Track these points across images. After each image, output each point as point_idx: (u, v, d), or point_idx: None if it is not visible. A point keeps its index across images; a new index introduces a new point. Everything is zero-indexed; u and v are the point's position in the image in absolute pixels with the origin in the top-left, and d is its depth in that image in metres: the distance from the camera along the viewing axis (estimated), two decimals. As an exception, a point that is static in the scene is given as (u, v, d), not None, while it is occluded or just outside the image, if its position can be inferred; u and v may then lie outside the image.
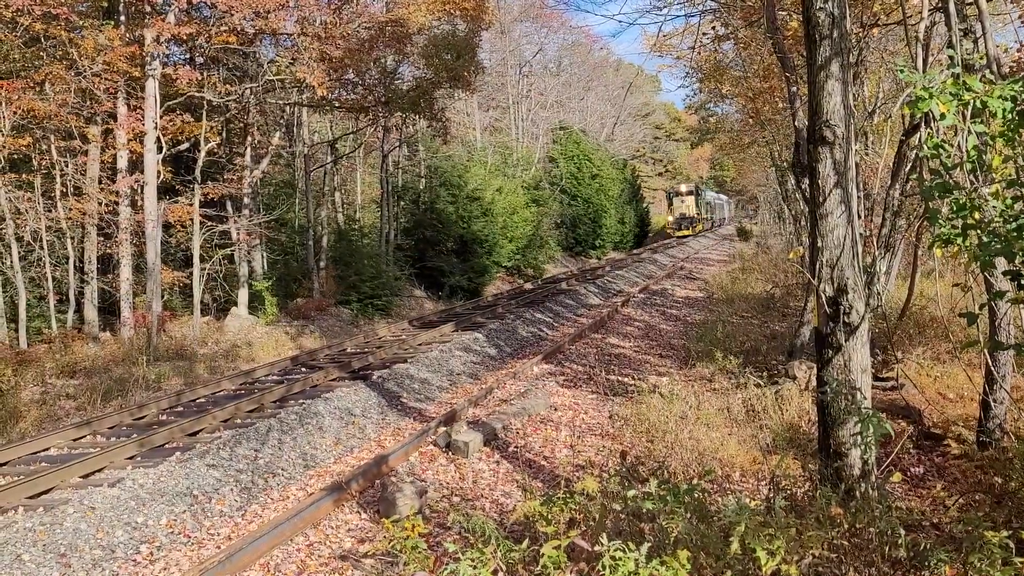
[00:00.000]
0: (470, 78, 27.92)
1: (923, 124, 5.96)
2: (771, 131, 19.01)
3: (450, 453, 9.03)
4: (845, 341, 5.51)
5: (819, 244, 5.68)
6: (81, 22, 18.31)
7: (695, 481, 4.51)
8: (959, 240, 3.63)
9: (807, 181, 9.41)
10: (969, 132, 3.68)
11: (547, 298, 21.60)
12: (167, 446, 8.76)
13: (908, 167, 10.96)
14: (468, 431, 9.34)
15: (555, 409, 10.87)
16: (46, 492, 7.35)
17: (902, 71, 3.66)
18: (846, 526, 3.73)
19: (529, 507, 3.94)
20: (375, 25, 24.90)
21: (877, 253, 11.12)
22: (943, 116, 3.54)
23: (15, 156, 17.40)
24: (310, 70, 20.47)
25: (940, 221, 3.70)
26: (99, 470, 7.96)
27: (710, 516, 3.81)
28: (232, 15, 18.51)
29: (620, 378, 12.66)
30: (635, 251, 50.83)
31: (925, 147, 3.82)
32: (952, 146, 4.02)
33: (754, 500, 4.11)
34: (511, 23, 47.26)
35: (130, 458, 8.34)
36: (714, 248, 50.15)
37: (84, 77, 17.39)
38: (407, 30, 25.14)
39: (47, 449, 9.26)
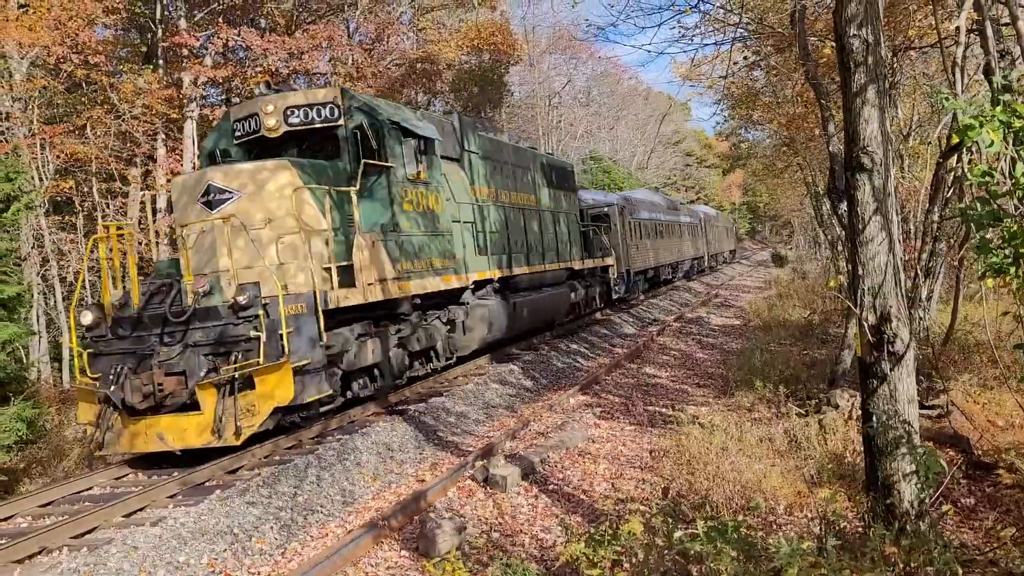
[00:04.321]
0: (498, 110, 28.26)
1: (963, 148, 5.87)
2: (805, 156, 18.92)
3: (488, 488, 8.96)
4: (890, 371, 5.40)
5: (860, 272, 5.59)
6: (121, 67, 18.82)
7: (740, 517, 4.42)
8: (1013, 269, 3.55)
9: (844, 206, 9.32)
10: (1017, 157, 3.61)
11: (581, 328, 21.50)
12: (207, 484, 8.80)
13: (948, 190, 10.81)
14: (506, 465, 9.27)
15: (593, 441, 10.77)
16: (90, 532, 7.41)
17: (947, 98, 3.62)
18: (901, 566, 3.62)
19: (574, 549, 3.88)
20: (406, 62, 25.28)
21: (918, 278, 10.94)
22: (991, 144, 3.48)
23: (58, 199, 17.84)
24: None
25: (993, 251, 3.62)
26: (141, 509, 8.01)
27: (758, 555, 3.72)
28: (267, 56, 18.89)
29: (658, 409, 12.53)
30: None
31: (969, 174, 3.76)
32: (996, 171, 3.95)
33: (803, 537, 4.01)
34: (540, 55, 47.67)
35: (171, 496, 8.39)
36: (749, 275, 49.69)
37: (124, 120, 17.83)
38: (438, 67, 25.49)
39: (90, 488, 9.35)
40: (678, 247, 37.67)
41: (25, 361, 16.06)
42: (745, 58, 14.40)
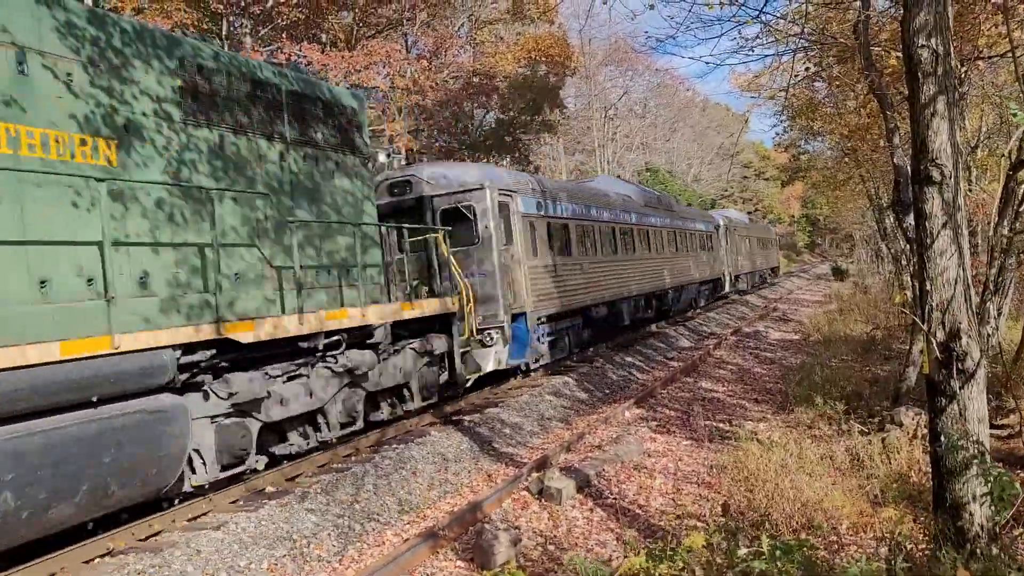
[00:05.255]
0: (552, 120, 28.30)
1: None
2: (868, 168, 18.55)
3: (543, 500, 8.95)
4: (959, 389, 5.26)
5: (928, 287, 5.46)
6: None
7: (801, 536, 4.33)
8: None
9: (910, 220, 9.11)
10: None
11: (636, 341, 21.36)
12: (268, 490, 8.95)
13: (1018, 204, 10.50)
14: (561, 477, 9.25)
15: (649, 455, 10.68)
16: (155, 535, 7.59)
17: (1015, 113, 3.53)
18: (974, 591, 3.51)
19: (636, 563, 3.85)
20: (463, 74, 25.54)
21: (987, 293, 10.63)
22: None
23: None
24: (393, 121, 21.27)
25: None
26: (204, 514, 8.19)
27: None
28: (327, 72, 19.28)
29: (715, 423, 12.37)
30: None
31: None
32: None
33: (870, 559, 3.91)
34: (596, 67, 47.68)
35: (233, 502, 8.56)
36: (808, 289, 48.81)
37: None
38: (494, 81, 25.68)
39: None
40: (667, 267, 24.53)
41: None
42: (806, 69, 14.18)
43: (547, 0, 29.20)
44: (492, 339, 13.51)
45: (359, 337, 10.43)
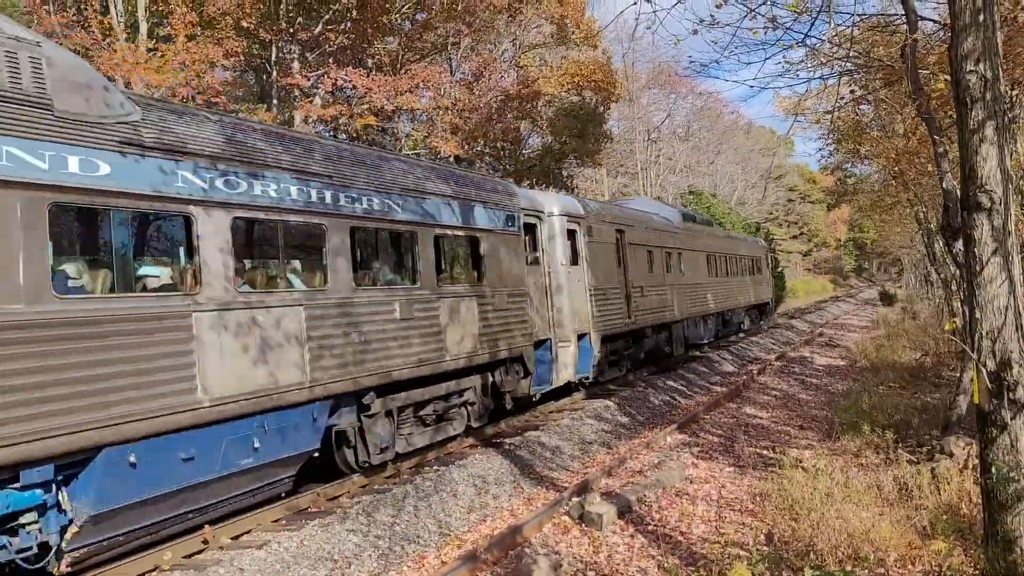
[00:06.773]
0: (596, 147, 28.36)
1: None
2: (916, 191, 18.24)
3: (583, 525, 8.90)
4: (1011, 420, 5.14)
5: (977, 315, 5.36)
6: (238, 107, 19.84)
7: (847, 567, 4.25)
8: None
9: (958, 245, 8.96)
10: None
11: (679, 365, 21.19)
12: (310, 510, 9.04)
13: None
14: (602, 503, 9.19)
15: (691, 482, 10.57)
16: (200, 552, 7.70)
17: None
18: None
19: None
20: (505, 95, 25.79)
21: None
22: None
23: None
24: (444, 140, 21.45)
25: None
26: (247, 532, 8.29)
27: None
28: (372, 97, 19.61)
29: (759, 450, 12.20)
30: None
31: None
32: None
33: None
34: (639, 91, 47.74)
35: (276, 521, 8.65)
36: (855, 314, 47.99)
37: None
38: (535, 90, 25.87)
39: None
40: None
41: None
42: (852, 92, 14.04)
43: (591, 26, 29.41)
44: None
45: None
